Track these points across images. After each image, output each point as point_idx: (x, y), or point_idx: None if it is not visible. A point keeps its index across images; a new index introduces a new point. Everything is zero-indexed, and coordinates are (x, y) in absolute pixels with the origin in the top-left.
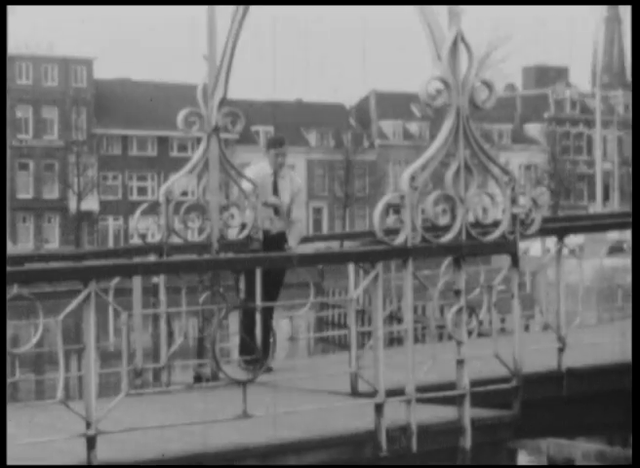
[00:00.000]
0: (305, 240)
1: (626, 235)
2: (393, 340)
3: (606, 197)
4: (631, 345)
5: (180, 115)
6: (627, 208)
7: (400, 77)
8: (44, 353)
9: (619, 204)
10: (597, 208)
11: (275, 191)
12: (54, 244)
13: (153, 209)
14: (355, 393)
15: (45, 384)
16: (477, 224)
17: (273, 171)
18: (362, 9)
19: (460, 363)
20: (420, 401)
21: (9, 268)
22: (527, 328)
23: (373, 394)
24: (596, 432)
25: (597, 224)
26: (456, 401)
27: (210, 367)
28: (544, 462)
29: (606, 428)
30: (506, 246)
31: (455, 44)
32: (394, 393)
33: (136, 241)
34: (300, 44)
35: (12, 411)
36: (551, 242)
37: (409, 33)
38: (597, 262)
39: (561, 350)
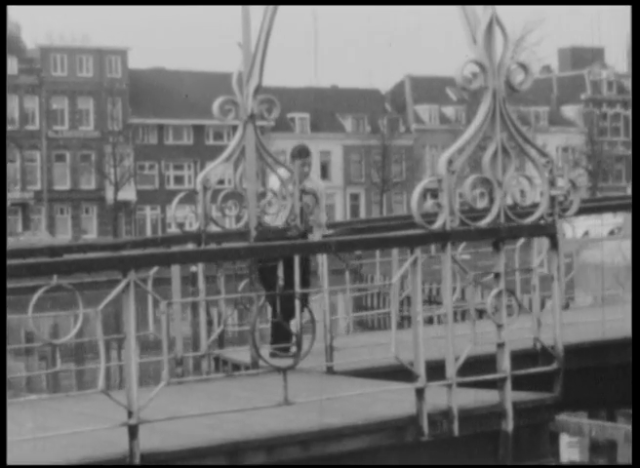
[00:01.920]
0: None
1: None
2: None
3: None
4: (632, 339)
5: (216, 103)
6: None
7: (435, 61)
8: (84, 343)
9: None
10: None
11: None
12: (91, 234)
13: (190, 197)
14: (330, 372)
15: (85, 374)
16: (515, 207)
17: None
18: None
19: (501, 346)
20: (460, 384)
21: (49, 259)
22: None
23: (353, 373)
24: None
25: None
26: (497, 384)
27: (250, 354)
28: (586, 444)
29: (579, 403)
30: (545, 228)
31: (490, 26)
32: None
33: (173, 230)
34: (334, 30)
35: (54, 402)
36: (588, 224)
37: (442, 17)
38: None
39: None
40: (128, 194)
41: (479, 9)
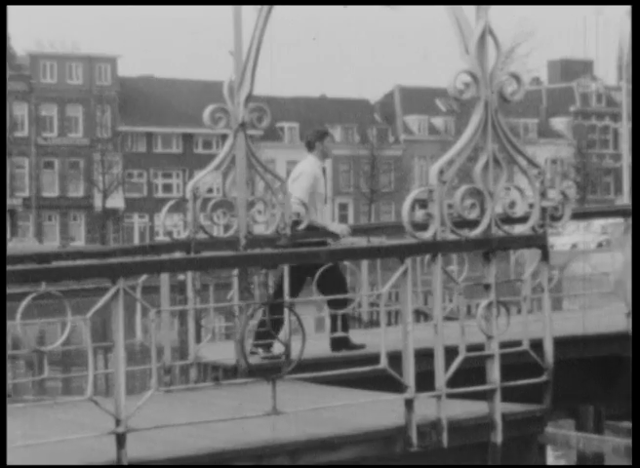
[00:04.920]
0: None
1: None
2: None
3: None
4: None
5: (207, 111)
6: None
7: (424, 72)
8: (70, 351)
9: None
10: (624, 201)
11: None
12: (79, 242)
13: (178, 206)
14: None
15: (72, 382)
16: (506, 218)
17: (322, 162)
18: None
19: (491, 358)
20: (450, 395)
21: (38, 266)
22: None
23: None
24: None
25: None
26: (486, 395)
27: (238, 363)
28: (573, 457)
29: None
30: (536, 239)
31: (482, 37)
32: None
33: (161, 238)
34: (324, 40)
35: (40, 409)
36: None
37: (433, 28)
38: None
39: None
40: (116, 202)
41: (472, 18)
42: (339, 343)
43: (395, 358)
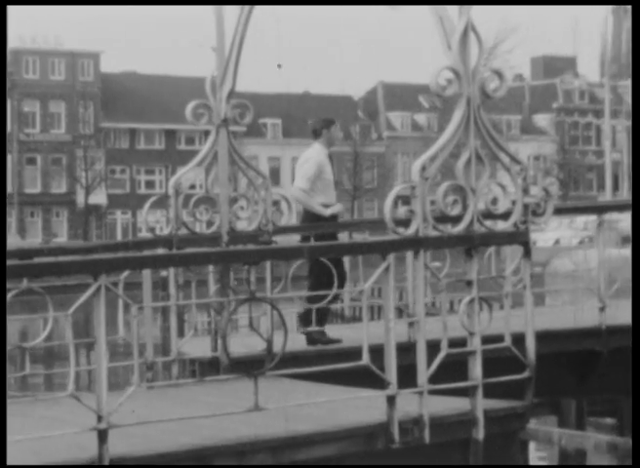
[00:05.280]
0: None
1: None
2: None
3: (615, 187)
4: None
5: (189, 107)
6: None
7: (407, 68)
8: (53, 347)
9: (628, 194)
10: (607, 197)
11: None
12: (62, 238)
13: (162, 202)
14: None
15: (54, 379)
16: (488, 214)
17: (328, 149)
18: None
19: (473, 354)
20: (432, 392)
21: (20, 262)
22: None
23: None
24: None
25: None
26: (468, 391)
27: (221, 359)
28: (555, 453)
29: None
30: (518, 236)
31: (465, 33)
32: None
33: (144, 234)
34: (306, 35)
35: (22, 405)
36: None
37: (416, 24)
38: (610, 252)
39: None
40: (99, 198)
41: (455, 15)
42: (314, 338)
43: (375, 352)
